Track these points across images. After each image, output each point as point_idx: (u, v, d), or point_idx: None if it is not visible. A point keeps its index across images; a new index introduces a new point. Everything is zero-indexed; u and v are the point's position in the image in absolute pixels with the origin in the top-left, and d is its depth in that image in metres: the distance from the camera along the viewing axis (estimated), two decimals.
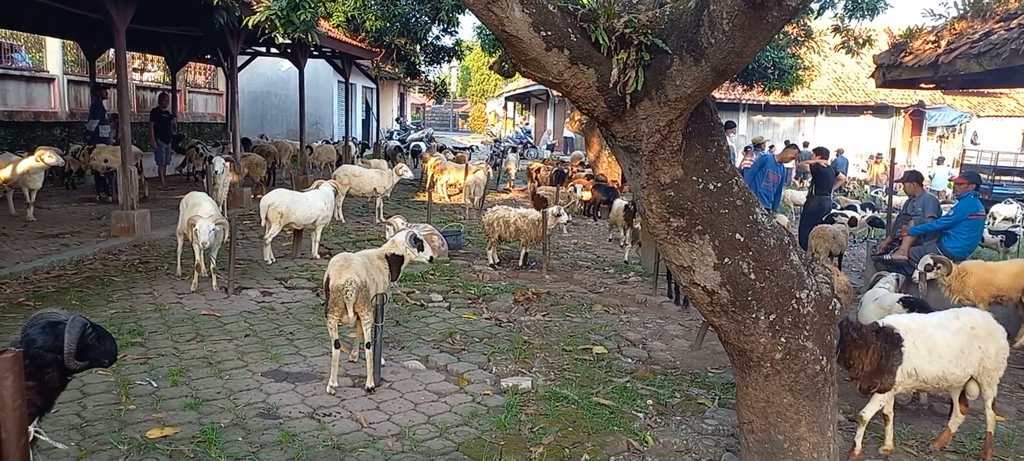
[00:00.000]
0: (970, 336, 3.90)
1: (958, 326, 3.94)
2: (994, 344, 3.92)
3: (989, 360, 3.90)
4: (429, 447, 3.92)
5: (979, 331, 3.92)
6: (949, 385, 3.99)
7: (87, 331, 2.71)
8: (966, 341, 3.89)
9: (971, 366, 3.90)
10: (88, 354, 2.73)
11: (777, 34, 11.32)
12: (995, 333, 3.95)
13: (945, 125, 25.91)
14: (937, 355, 3.86)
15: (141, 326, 5.68)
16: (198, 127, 19.23)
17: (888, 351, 3.83)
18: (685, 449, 4.01)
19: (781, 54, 13.21)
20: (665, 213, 3.11)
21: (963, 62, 6.21)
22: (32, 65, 14.22)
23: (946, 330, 3.93)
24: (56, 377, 2.66)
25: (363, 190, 11.65)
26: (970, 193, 7.22)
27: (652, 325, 6.51)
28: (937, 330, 3.92)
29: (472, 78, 57.48)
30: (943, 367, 3.86)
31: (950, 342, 3.89)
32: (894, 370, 3.87)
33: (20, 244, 8.17)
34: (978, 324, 3.97)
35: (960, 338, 3.89)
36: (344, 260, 4.62)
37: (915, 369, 3.86)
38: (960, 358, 3.88)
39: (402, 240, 5.04)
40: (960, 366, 3.89)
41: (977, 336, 3.91)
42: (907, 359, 3.87)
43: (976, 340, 3.90)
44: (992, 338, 3.93)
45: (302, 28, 6.73)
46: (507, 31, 2.68)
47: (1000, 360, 3.93)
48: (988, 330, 3.94)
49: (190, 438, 3.87)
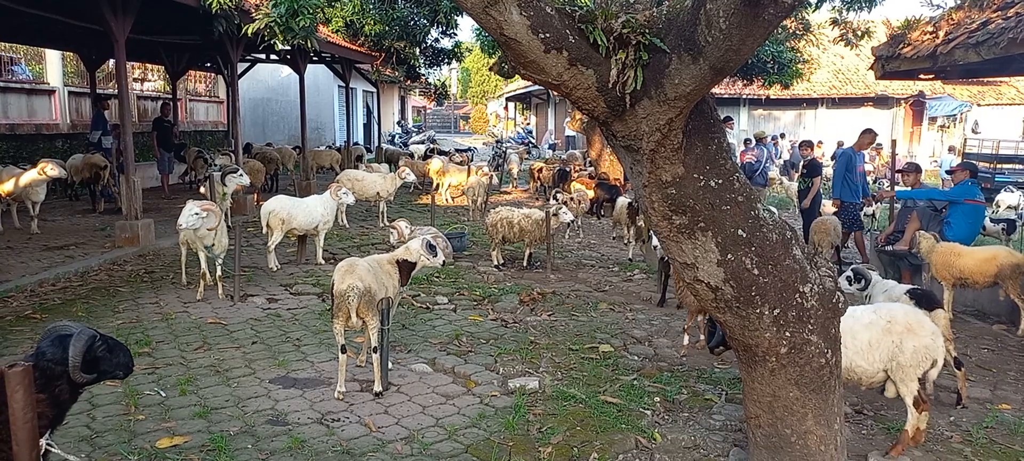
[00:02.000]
0: (884, 330, 3.79)
1: (872, 320, 3.84)
2: (912, 341, 3.76)
3: (903, 356, 3.75)
4: (438, 450, 3.93)
5: (896, 326, 3.79)
6: (859, 379, 3.88)
7: (95, 343, 2.70)
8: (878, 335, 3.78)
9: (882, 361, 3.79)
10: (98, 366, 2.73)
11: (775, 30, 11.28)
12: (916, 330, 3.79)
13: (946, 115, 25.86)
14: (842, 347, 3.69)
15: (148, 336, 5.71)
16: (199, 135, 19.29)
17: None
18: (693, 445, 4.02)
19: (780, 48, 13.21)
20: (667, 211, 3.12)
21: (961, 52, 6.21)
22: (32, 77, 14.28)
23: (858, 322, 3.83)
24: (66, 390, 2.67)
25: (366, 194, 11.68)
26: (967, 180, 7.28)
27: (658, 322, 6.52)
28: (848, 321, 3.75)
29: (472, 79, 57.54)
30: (849, 359, 3.73)
31: (858, 334, 3.78)
32: None
33: (25, 257, 8.22)
34: (896, 319, 3.83)
35: (871, 332, 3.78)
36: (349, 266, 4.63)
37: None
38: (868, 352, 3.77)
39: (417, 247, 5.05)
40: (868, 360, 3.78)
41: (892, 331, 3.78)
42: None
43: (890, 335, 3.78)
44: (911, 334, 3.77)
45: (301, 34, 6.77)
46: (506, 34, 2.70)
47: (918, 358, 3.74)
48: (907, 326, 3.79)
49: (200, 447, 3.90)
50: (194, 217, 6.48)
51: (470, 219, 12.40)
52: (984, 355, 5.75)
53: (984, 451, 4.03)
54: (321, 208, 8.34)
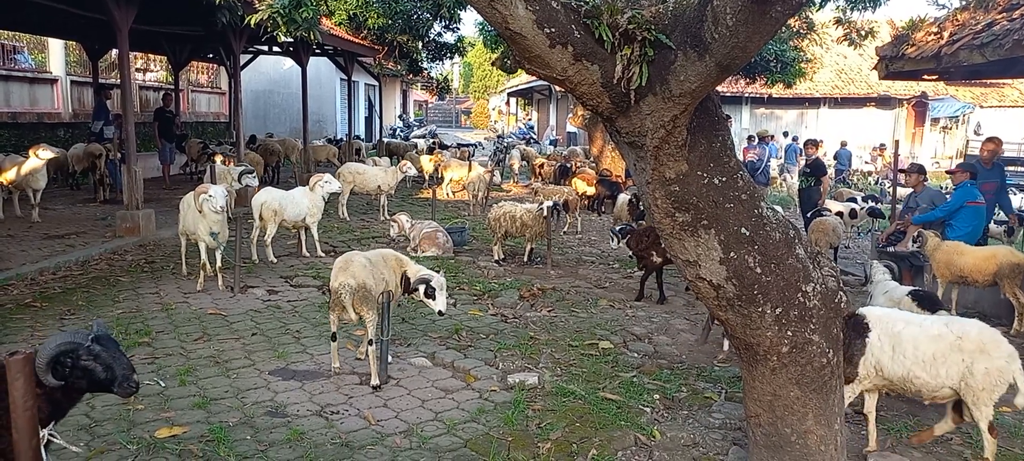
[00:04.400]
0: (952, 346, 3.57)
1: (940, 333, 3.63)
2: (984, 362, 3.52)
3: (974, 378, 3.53)
4: (437, 444, 3.93)
5: (967, 344, 3.55)
6: (919, 391, 3.69)
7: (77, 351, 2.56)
8: (945, 350, 3.57)
9: (949, 379, 3.58)
10: (79, 375, 2.58)
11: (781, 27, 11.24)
12: (989, 350, 3.53)
13: (948, 116, 25.83)
14: (901, 354, 3.61)
15: (148, 326, 5.71)
16: (201, 126, 19.26)
17: (851, 339, 3.63)
18: (692, 443, 4.02)
19: (784, 47, 13.18)
20: (670, 208, 3.11)
21: (966, 53, 6.20)
22: (35, 66, 14.25)
23: (923, 332, 3.66)
24: (58, 389, 2.62)
25: (367, 187, 11.67)
26: (966, 182, 7.28)
27: (658, 319, 6.52)
28: (911, 328, 3.66)
29: (474, 74, 57.40)
30: (908, 368, 3.61)
31: (922, 345, 3.61)
32: (855, 360, 3.66)
33: (26, 245, 8.21)
34: (968, 336, 3.58)
35: (937, 345, 3.59)
36: (344, 262, 4.67)
37: (878, 364, 3.66)
38: (931, 365, 3.59)
39: (421, 275, 4.91)
40: (929, 373, 3.60)
41: (962, 349, 3.55)
42: (870, 352, 3.66)
43: (960, 353, 3.55)
44: (983, 355, 3.53)
45: (304, 26, 6.74)
46: (511, 28, 2.68)
47: (992, 381, 3.52)
48: (980, 346, 3.55)
49: (199, 437, 3.90)
50: (224, 197, 6.61)
51: (471, 214, 12.39)
52: None
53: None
54: (306, 201, 8.34)
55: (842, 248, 10.28)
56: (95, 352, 2.61)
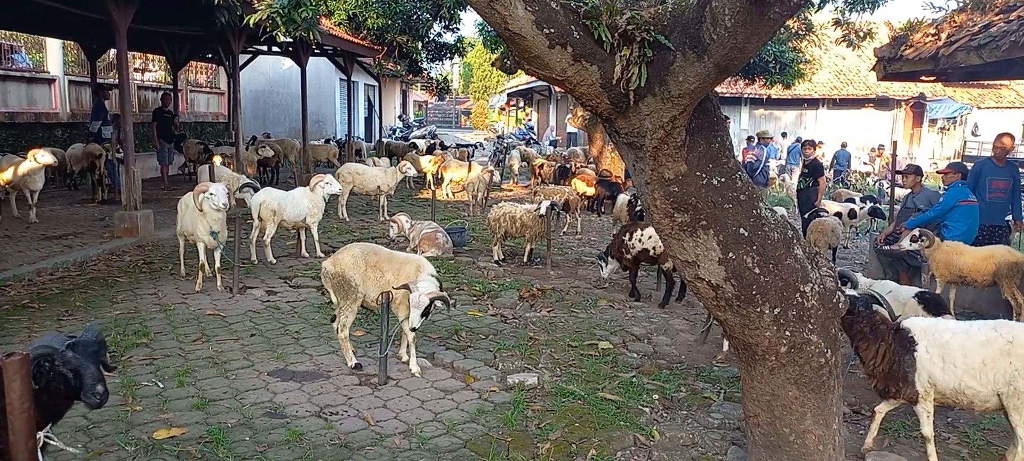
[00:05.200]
0: (1002, 351, 3.43)
1: (987, 337, 3.48)
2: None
3: (1021, 383, 3.36)
4: (436, 444, 3.93)
5: (1019, 348, 3.40)
6: (971, 402, 3.56)
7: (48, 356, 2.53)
8: (994, 355, 3.43)
9: (995, 385, 3.45)
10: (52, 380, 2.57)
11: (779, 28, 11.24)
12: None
13: (946, 117, 25.88)
14: (951, 364, 3.49)
15: (146, 327, 5.70)
16: (200, 126, 19.25)
17: (900, 355, 3.54)
18: (691, 443, 4.02)
19: (782, 48, 13.19)
20: (669, 209, 3.12)
21: (963, 54, 6.21)
22: (32, 66, 14.24)
23: (970, 339, 3.53)
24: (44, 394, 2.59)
25: (367, 188, 11.66)
26: (957, 182, 7.31)
27: (657, 320, 6.52)
28: (958, 336, 3.54)
29: (474, 75, 57.42)
30: (959, 379, 3.49)
31: (970, 352, 3.48)
32: (909, 378, 3.57)
33: (23, 246, 8.20)
34: (1019, 340, 3.43)
35: (987, 350, 3.45)
36: (345, 248, 5.00)
37: (931, 378, 3.55)
38: (981, 371, 3.44)
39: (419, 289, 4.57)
40: (980, 381, 3.46)
41: (1013, 353, 3.41)
42: (920, 366, 3.55)
43: (1010, 357, 3.41)
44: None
45: (303, 26, 6.74)
46: (510, 29, 2.68)
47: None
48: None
49: (197, 438, 3.89)
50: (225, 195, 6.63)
51: (470, 214, 12.39)
52: None
53: (981, 452, 4.03)
54: (306, 201, 8.33)
55: (841, 249, 10.29)
56: (66, 358, 2.58)
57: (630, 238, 7.15)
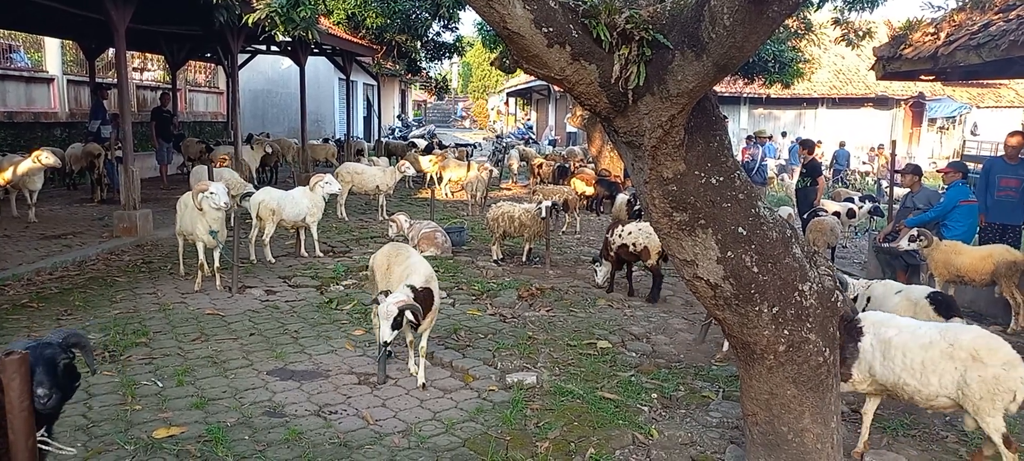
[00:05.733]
0: (943, 354, 3.47)
1: (930, 340, 3.54)
2: (978, 371, 3.39)
3: (969, 389, 3.41)
4: (435, 443, 3.94)
5: (959, 352, 3.45)
6: (912, 398, 3.63)
7: None
8: (935, 358, 3.48)
9: (944, 388, 3.48)
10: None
11: (778, 28, 11.24)
12: (984, 359, 3.40)
13: (945, 116, 25.90)
14: (890, 361, 3.57)
15: (145, 326, 5.70)
16: (199, 126, 19.24)
17: (846, 343, 3.58)
18: (690, 442, 4.03)
19: (781, 47, 13.20)
20: (668, 208, 3.12)
21: (962, 54, 6.21)
22: (31, 65, 14.23)
23: (914, 340, 3.58)
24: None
25: (365, 187, 11.66)
26: (958, 182, 7.32)
27: (656, 319, 6.52)
28: (903, 335, 3.59)
29: (473, 74, 57.39)
30: (897, 375, 3.57)
31: (910, 352, 3.54)
32: (849, 363, 3.64)
33: (22, 245, 8.20)
34: (960, 344, 3.46)
35: (928, 353, 3.51)
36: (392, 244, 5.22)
37: (871, 369, 3.64)
38: (921, 373, 3.51)
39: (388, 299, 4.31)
40: (921, 381, 3.52)
41: (954, 357, 3.45)
42: (862, 356, 3.64)
43: (952, 361, 3.45)
44: (977, 364, 3.40)
45: (302, 26, 6.73)
46: (509, 28, 2.68)
47: (989, 390, 3.37)
48: (973, 353, 3.42)
49: (196, 437, 3.89)
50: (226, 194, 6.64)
51: (469, 214, 12.39)
52: None
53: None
54: (306, 201, 8.33)
55: (839, 248, 10.30)
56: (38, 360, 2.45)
57: (612, 234, 7.24)
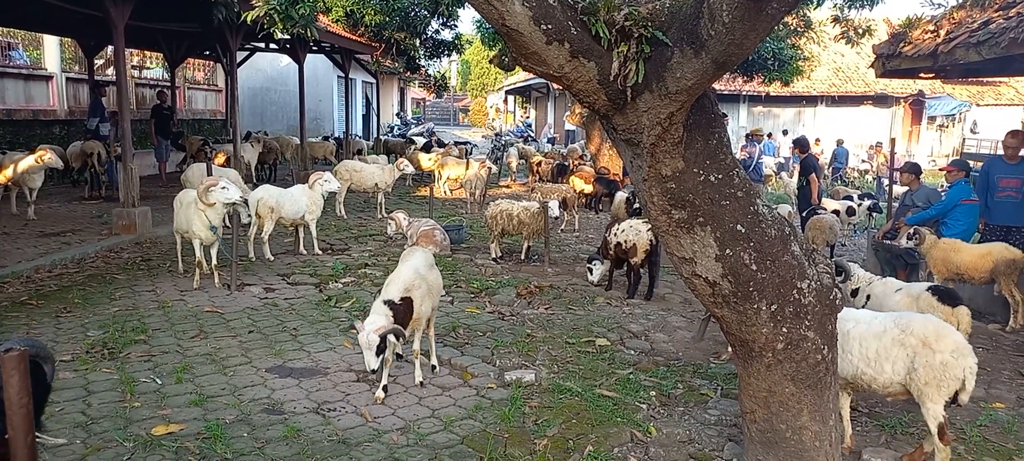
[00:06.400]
0: (895, 341, 3.56)
1: (884, 328, 3.62)
2: (927, 357, 3.46)
3: (916, 373, 3.49)
4: (434, 441, 3.94)
5: (910, 339, 3.53)
6: (870, 386, 3.69)
7: None
8: (888, 346, 3.56)
9: (896, 374, 3.57)
10: None
11: (777, 25, 11.27)
12: (932, 345, 3.48)
13: (945, 114, 25.90)
14: (849, 352, 3.62)
15: (144, 323, 5.70)
16: (198, 124, 19.22)
17: None
18: (688, 439, 4.03)
19: (781, 45, 13.20)
20: (667, 205, 3.12)
21: (962, 51, 6.21)
22: (30, 63, 14.21)
23: (869, 329, 3.65)
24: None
25: (364, 185, 11.66)
26: (961, 180, 7.32)
27: (654, 317, 6.53)
28: (859, 327, 3.63)
29: (472, 72, 57.36)
30: (855, 366, 3.62)
31: (866, 342, 3.61)
32: None
33: (21, 243, 8.19)
34: (911, 331, 3.55)
35: (881, 341, 3.58)
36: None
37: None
38: (876, 361, 3.58)
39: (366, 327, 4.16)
40: (876, 369, 3.59)
41: (907, 344, 3.53)
42: None
43: (904, 348, 3.54)
44: (926, 349, 3.48)
45: (301, 23, 6.74)
46: (508, 25, 2.68)
47: (936, 375, 3.44)
48: (923, 339, 3.50)
49: (195, 434, 3.89)
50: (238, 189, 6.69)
51: (468, 212, 12.39)
52: (979, 354, 5.71)
53: (978, 449, 4.05)
54: (305, 199, 8.33)
55: (839, 246, 10.31)
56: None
57: (610, 233, 7.27)
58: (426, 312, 4.65)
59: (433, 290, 4.77)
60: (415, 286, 4.50)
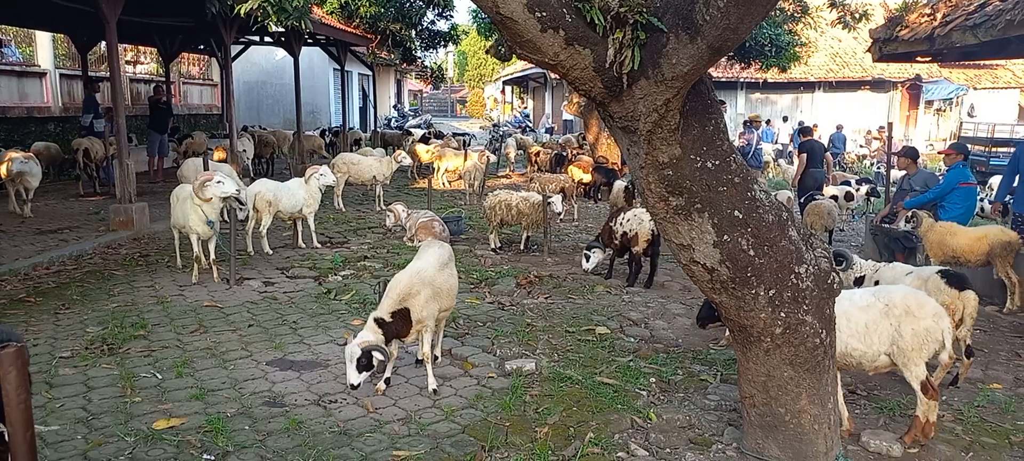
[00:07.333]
0: (881, 313, 3.72)
1: (869, 302, 3.77)
2: (911, 324, 3.67)
3: (902, 340, 3.67)
4: (435, 430, 3.95)
5: (895, 309, 3.71)
6: (859, 363, 3.81)
7: None
8: (875, 318, 3.71)
9: (882, 345, 3.72)
10: None
11: (773, 10, 11.25)
12: (915, 312, 3.69)
13: (942, 98, 25.87)
14: (838, 330, 3.61)
15: (144, 319, 5.70)
16: (194, 119, 19.16)
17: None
18: (688, 425, 4.05)
19: (778, 31, 13.17)
20: (664, 192, 3.12)
21: (959, 34, 6.20)
22: (23, 59, 14.14)
23: (854, 305, 3.77)
24: None
25: (362, 178, 11.64)
26: (959, 164, 7.33)
27: (654, 304, 6.54)
28: (842, 304, 3.69)
29: (469, 62, 57.13)
30: (845, 342, 3.70)
31: (854, 317, 3.73)
32: None
33: (18, 240, 8.18)
34: (895, 302, 3.73)
35: (868, 314, 3.72)
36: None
37: None
38: (865, 335, 3.70)
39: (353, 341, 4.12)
40: (865, 343, 3.71)
41: (891, 314, 3.70)
42: None
43: (888, 318, 3.70)
44: (909, 317, 3.68)
45: (295, 15, 6.69)
46: (502, 13, 2.67)
47: (919, 341, 3.65)
48: (906, 309, 3.70)
49: (197, 428, 3.90)
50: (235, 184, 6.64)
51: (467, 203, 12.38)
52: (977, 336, 5.77)
53: (975, 429, 4.07)
54: (302, 192, 8.32)
55: (837, 231, 10.31)
56: None
57: (615, 222, 7.27)
58: (433, 313, 4.39)
59: (442, 292, 4.49)
60: (413, 293, 4.28)
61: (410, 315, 4.28)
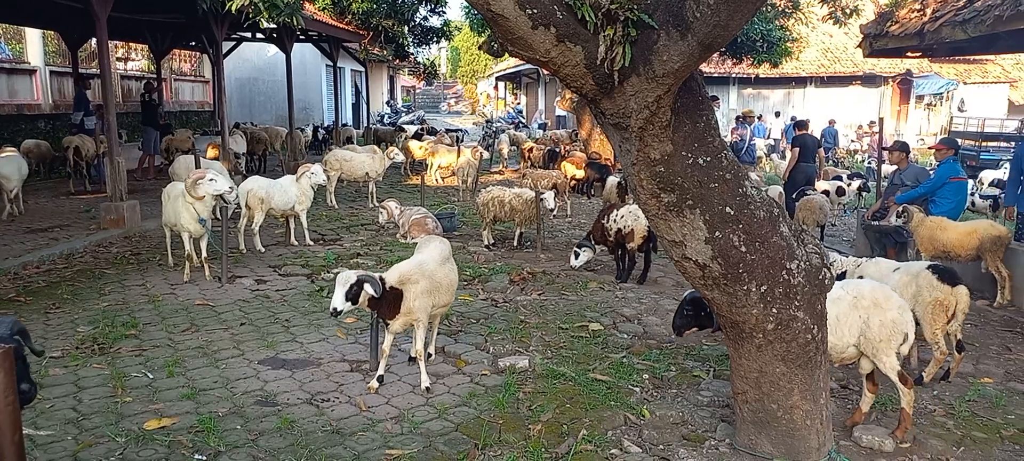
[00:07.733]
0: (850, 306, 3.81)
1: (839, 295, 3.82)
2: (879, 315, 3.77)
3: (870, 331, 3.77)
4: (428, 428, 3.95)
5: (863, 301, 3.81)
6: (829, 354, 3.78)
7: None
8: (844, 311, 3.79)
9: (851, 336, 3.81)
10: None
11: (764, 6, 11.29)
12: (882, 305, 3.79)
13: (932, 93, 26.01)
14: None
15: (135, 318, 5.67)
16: (185, 115, 19.04)
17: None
18: (681, 421, 4.06)
19: (769, 26, 13.20)
20: (655, 189, 3.12)
21: (948, 29, 6.23)
22: (12, 56, 14.02)
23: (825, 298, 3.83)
24: None
25: (354, 175, 11.60)
26: (950, 158, 7.37)
27: (647, 301, 6.55)
28: None
29: (462, 58, 57.00)
30: None
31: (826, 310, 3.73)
32: None
33: (8, 239, 8.11)
34: (863, 295, 3.84)
35: (838, 307, 3.77)
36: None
37: None
38: (835, 327, 3.75)
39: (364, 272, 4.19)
40: (836, 335, 3.77)
41: (859, 306, 3.80)
42: None
43: (857, 310, 3.80)
44: (877, 309, 3.78)
45: (286, 11, 6.66)
46: (493, 10, 2.66)
47: (887, 332, 3.75)
48: (874, 301, 3.80)
49: (188, 428, 3.88)
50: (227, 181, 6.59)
51: (460, 199, 12.36)
52: (967, 330, 5.81)
53: (966, 423, 4.10)
54: (294, 189, 8.29)
55: (829, 226, 10.37)
56: None
57: (608, 220, 7.25)
58: (425, 308, 4.34)
59: (441, 287, 4.47)
60: (412, 281, 4.28)
61: (401, 301, 4.24)
